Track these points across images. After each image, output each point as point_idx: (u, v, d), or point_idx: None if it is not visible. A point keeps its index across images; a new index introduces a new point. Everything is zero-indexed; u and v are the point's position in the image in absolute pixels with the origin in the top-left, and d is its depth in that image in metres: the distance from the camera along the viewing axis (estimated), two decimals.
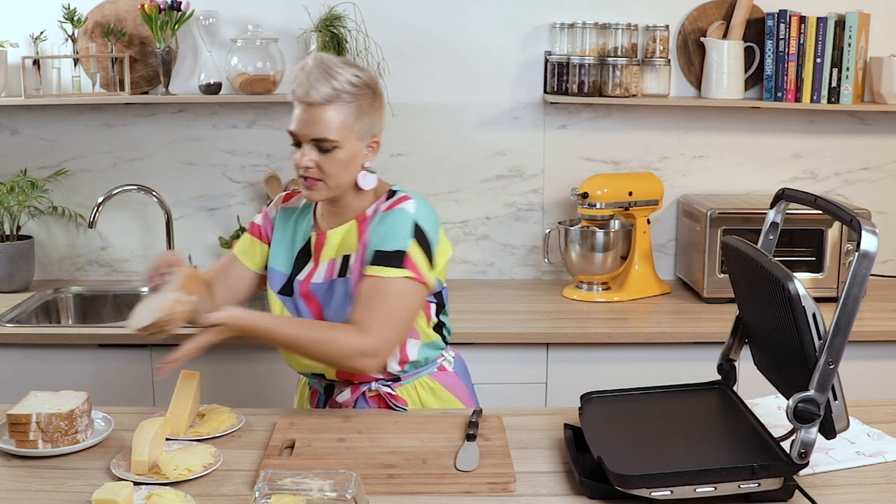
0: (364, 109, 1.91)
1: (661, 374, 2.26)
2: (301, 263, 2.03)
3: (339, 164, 1.91)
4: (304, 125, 1.89)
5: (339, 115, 1.88)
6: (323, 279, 1.99)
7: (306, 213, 2.08)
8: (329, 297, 1.97)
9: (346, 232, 1.99)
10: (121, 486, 1.50)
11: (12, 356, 2.67)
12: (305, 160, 1.90)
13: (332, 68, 1.88)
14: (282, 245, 2.06)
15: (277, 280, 2.04)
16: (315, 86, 1.86)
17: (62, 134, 3.16)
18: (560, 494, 1.59)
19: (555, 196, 3.23)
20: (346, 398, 2.00)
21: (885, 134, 3.24)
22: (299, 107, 1.90)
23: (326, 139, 1.88)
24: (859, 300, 1.45)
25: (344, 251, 1.98)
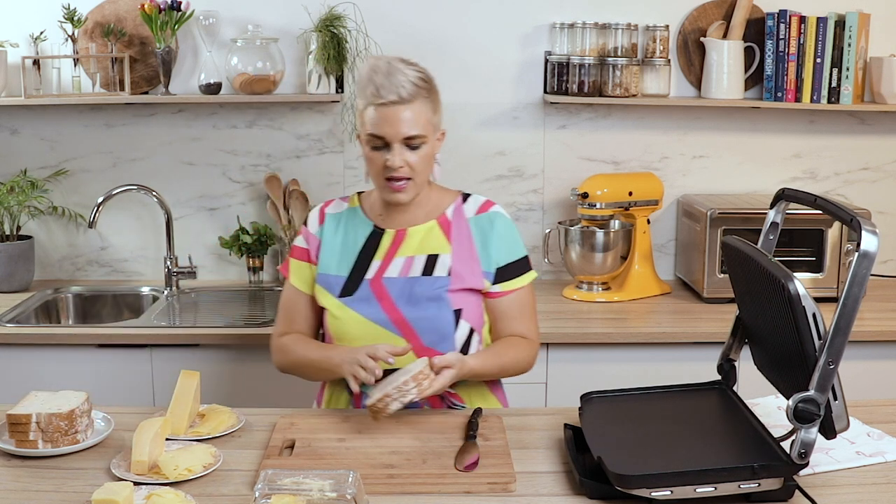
0: (436, 103, 1.98)
1: (661, 374, 2.26)
2: (364, 262, 2.03)
3: (425, 160, 1.96)
4: (394, 125, 1.90)
5: (424, 110, 1.93)
6: (398, 274, 2.01)
7: (354, 215, 2.10)
8: (405, 292, 1.99)
9: (427, 231, 2.04)
10: (121, 486, 1.50)
11: (12, 356, 2.67)
12: (398, 160, 1.92)
13: (401, 68, 1.92)
14: (333, 251, 2.06)
15: (335, 284, 2.03)
16: (398, 83, 1.89)
17: (62, 134, 3.16)
18: (560, 494, 1.59)
19: (555, 196, 3.23)
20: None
21: (885, 134, 3.24)
22: (384, 108, 1.90)
23: (418, 135, 1.92)
24: (859, 300, 1.45)
25: (428, 250, 2.02)
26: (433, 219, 2.05)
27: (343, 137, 3.17)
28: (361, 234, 2.06)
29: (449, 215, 2.06)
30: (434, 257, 2.01)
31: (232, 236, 3.14)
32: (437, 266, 2.01)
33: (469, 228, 2.05)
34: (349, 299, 2.01)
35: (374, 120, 1.91)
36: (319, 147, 3.18)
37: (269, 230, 3.15)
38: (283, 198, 3.14)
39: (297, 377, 2.14)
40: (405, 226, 2.05)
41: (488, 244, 2.03)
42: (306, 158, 3.19)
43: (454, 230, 2.04)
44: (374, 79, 1.91)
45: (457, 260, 2.02)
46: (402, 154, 1.92)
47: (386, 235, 2.05)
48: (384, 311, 1.99)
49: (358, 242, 2.06)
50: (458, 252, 2.02)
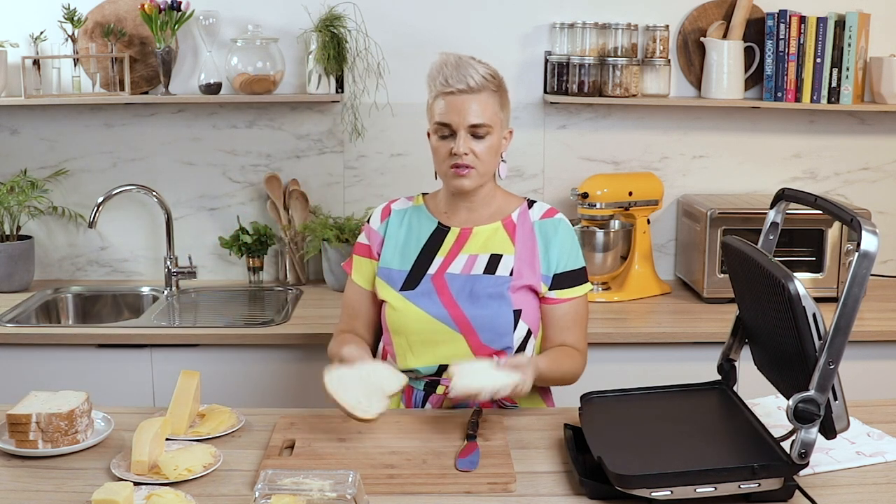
0: (504, 100, 2.03)
1: (661, 374, 2.26)
2: (427, 257, 2.06)
3: (490, 151, 2.00)
4: (460, 113, 1.96)
5: (490, 102, 1.98)
6: (460, 271, 2.04)
7: (418, 212, 2.13)
8: (465, 289, 2.02)
9: (493, 231, 2.06)
10: (121, 486, 1.50)
11: (12, 356, 2.67)
12: (463, 146, 1.96)
13: (471, 62, 1.99)
14: (395, 245, 2.09)
15: (396, 278, 2.06)
16: (467, 74, 1.95)
17: (62, 134, 3.16)
18: (560, 494, 1.59)
19: (555, 196, 3.23)
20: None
21: (885, 134, 3.24)
22: (451, 97, 1.96)
23: (483, 124, 1.96)
24: (859, 300, 1.45)
25: (492, 249, 2.05)
26: (498, 220, 2.08)
27: (343, 137, 3.17)
28: (426, 231, 2.09)
29: (514, 218, 2.08)
30: (497, 257, 2.04)
31: (232, 236, 3.14)
32: (500, 266, 2.03)
33: (534, 231, 2.07)
34: (410, 293, 2.03)
35: (442, 109, 1.97)
36: (319, 147, 3.18)
37: (269, 230, 3.15)
38: (283, 198, 3.15)
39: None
40: (470, 224, 2.08)
41: (550, 249, 2.06)
42: (306, 158, 3.19)
43: (519, 232, 2.07)
44: (443, 70, 1.97)
45: (519, 261, 2.04)
46: (467, 142, 1.96)
47: (451, 233, 2.08)
48: (444, 307, 2.00)
49: (422, 238, 2.08)
50: (521, 253, 2.05)
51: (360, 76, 3.08)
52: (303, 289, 3.13)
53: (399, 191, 3.23)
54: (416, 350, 2.03)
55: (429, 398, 2.05)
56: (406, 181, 3.21)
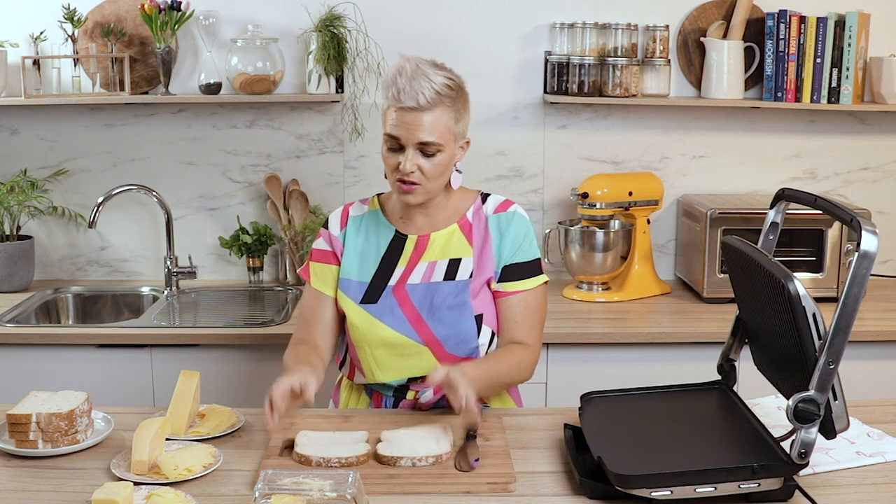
0: (460, 111, 1.95)
1: (661, 374, 2.26)
2: (387, 268, 2.01)
3: (439, 167, 1.93)
4: (409, 129, 1.88)
5: (443, 118, 1.90)
6: (420, 280, 2.00)
7: (375, 219, 2.07)
8: (428, 298, 1.98)
9: (449, 235, 2.02)
10: (121, 486, 1.50)
11: (12, 356, 2.67)
12: (409, 164, 1.90)
13: (428, 73, 1.89)
14: (354, 255, 2.04)
15: (356, 290, 2.01)
16: (419, 90, 1.86)
17: (62, 134, 3.16)
18: (560, 494, 1.59)
19: (555, 196, 3.23)
20: (428, 398, 2.01)
21: (885, 134, 3.24)
22: (402, 112, 1.88)
23: (432, 142, 1.89)
24: (859, 300, 1.45)
25: (450, 254, 2.01)
26: (454, 222, 2.04)
27: (343, 137, 3.17)
28: (384, 239, 2.04)
29: (469, 217, 2.04)
30: (456, 262, 2.00)
31: (232, 236, 3.14)
32: (460, 270, 2.00)
33: (487, 226, 2.03)
34: (372, 307, 1.99)
35: (393, 121, 1.90)
36: (319, 147, 3.18)
37: (269, 230, 3.15)
38: (283, 198, 3.15)
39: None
40: (427, 231, 2.03)
41: (504, 240, 2.01)
42: (306, 158, 3.19)
43: (475, 231, 2.03)
44: (397, 81, 1.88)
45: (478, 261, 2.01)
46: (414, 159, 1.90)
47: (409, 241, 2.03)
48: (408, 321, 1.97)
49: (380, 247, 2.04)
50: (478, 253, 2.02)
51: (360, 76, 3.08)
52: (303, 289, 3.12)
53: None
54: (382, 364, 1.99)
55: (399, 404, 2.04)
56: None
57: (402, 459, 1.65)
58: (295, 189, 3.13)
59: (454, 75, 1.95)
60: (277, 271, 3.23)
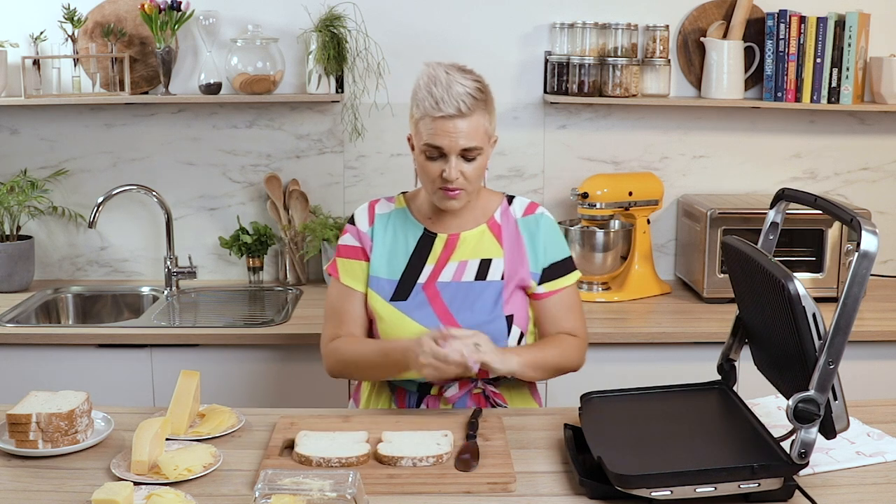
0: (491, 112, 1.98)
1: (661, 374, 2.26)
2: (416, 265, 2.03)
3: (479, 170, 1.97)
4: (451, 137, 1.90)
5: (481, 121, 1.93)
6: (451, 279, 2.02)
7: (402, 216, 2.09)
8: (457, 297, 2.00)
9: (479, 235, 2.05)
10: (121, 486, 1.50)
11: (12, 356, 2.67)
12: (454, 172, 1.92)
13: (459, 79, 1.92)
14: (383, 252, 2.06)
15: (385, 288, 2.03)
16: (458, 97, 1.89)
17: (62, 134, 3.16)
18: (560, 494, 1.59)
19: (555, 196, 3.23)
20: (453, 393, 2.01)
21: (885, 134, 3.24)
22: (442, 121, 1.90)
23: (474, 148, 1.92)
24: (859, 300, 1.45)
25: (481, 254, 2.03)
26: (483, 223, 2.06)
27: (343, 137, 3.17)
28: (412, 237, 2.06)
29: (498, 218, 2.07)
30: (487, 262, 2.03)
31: (232, 236, 3.14)
32: (491, 270, 2.02)
33: (518, 229, 2.06)
34: (402, 304, 2.01)
35: (432, 131, 1.91)
36: (319, 147, 3.18)
37: (269, 230, 3.15)
38: (283, 198, 3.15)
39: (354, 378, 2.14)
40: (457, 230, 2.05)
41: (536, 245, 2.05)
42: (306, 158, 3.19)
43: (504, 233, 2.06)
44: (433, 91, 1.90)
45: (509, 263, 2.03)
46: (458, 166, 1.92)
47: (438, 239, 2.05)
48: (438, 318, 1.99)
49: (409, 245, 2.05)
50: (510, 254, 2.04)
51: (360, 76, 3.08)
52: (303, 289, 3.13)
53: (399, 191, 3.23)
54: None
55: (423, 400, 2.04)
56: (406, 181, 3.20)
57: (403, 459, 1.66)
58: (295, 189, 3.13)
59: (480, 77, 1.98)
60: (277, 271, 3.23)
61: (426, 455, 1.66)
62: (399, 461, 1.65)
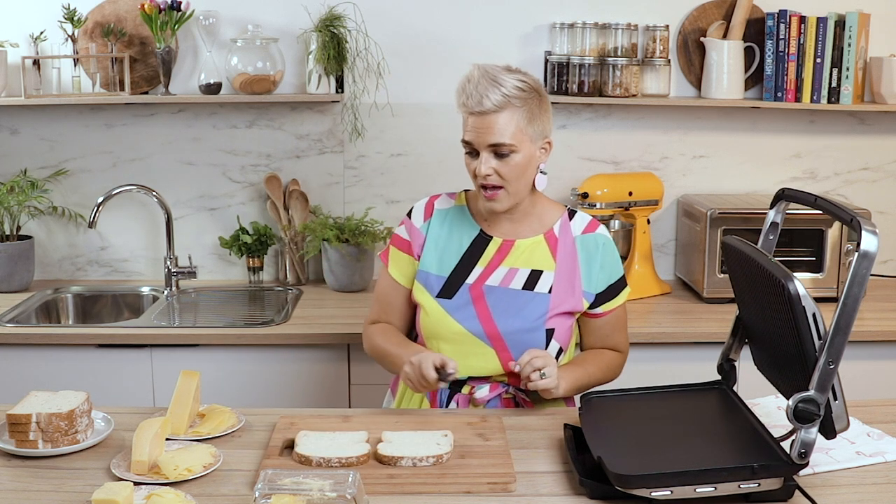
0: (534, 112, 1.96)
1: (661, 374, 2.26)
2: (467, 266, 2.04)
3: (517, 169, 1.95)
4: (479, 133, 1.93)
5: (513, 119, 1.93)
6: (499, 284, 2.02)
7: (461, 215, 2.10)
8: (502, 302, 2.00)
9: (534, 245, 2.04)
10: (121, 486, 1.50)
11: (12, 356, 2.67)
12: (484, 168, 1.93)
13: (497, 76, 1.94)
14: (436, 248, 2.07)
15: (434, 283, 2.05)
16: (485, 94, 1.91)
17: (62, 134, 3.16)
18: (560, 494, 1.59)
19: (555, 196, 3.21)
20: (483, 395, 2.02)
21: (885, 134, 3.24)
22: (472, 117, 1.94)
23: (503, 144, 1.92)
24: (859, 300, 1.45)
25: (533, 264, 2.03)
26: (540, 233, 2.06)
27: (343, 137, 3.17)
28: (467, 237, 2.07)
29: (556, 231, 2.06)
30: (538, 273, 2.02)
31: (232, 236, 3.14)
32: (540, 282, 2.02)
33: (575, 247, 2.05)
34: (447, 302, 2.02)
35: (466, 127, 1.96)
36: (319, 147, 3.18)
37: (269, 230, 3.15)
38: (283, 198, 3.15)
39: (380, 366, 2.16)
40: (513, 237, 2.05)
41: (592, 266, 2.05)
42: (306, 158, 3.19)
43: (560, 247, 2.05)
44: (465, 88, 1.95)
45: (559, 278, 2.02)
46: (488, 162, 1.93)
47: (492, 243, 2.05)
48: (479, 321, 1.99)
49: (463, 244, 2.06)
50: (562, 270, 2.03)
51: (360, 76, 3.08)
52: (303, 289, 3.13)
53: (399, 191, 3.25)
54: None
55: (454, 397, 2.04)
56: (406, 181, 3.21)
57: (403, 459, 1.66)
58: (295, 189, 3.13)
59: (529, 78, 1.99)
60: (277, 271, 3.23)
61: (426, 455, 1.66)
62: (399, 461, 1.65)
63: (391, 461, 1.66)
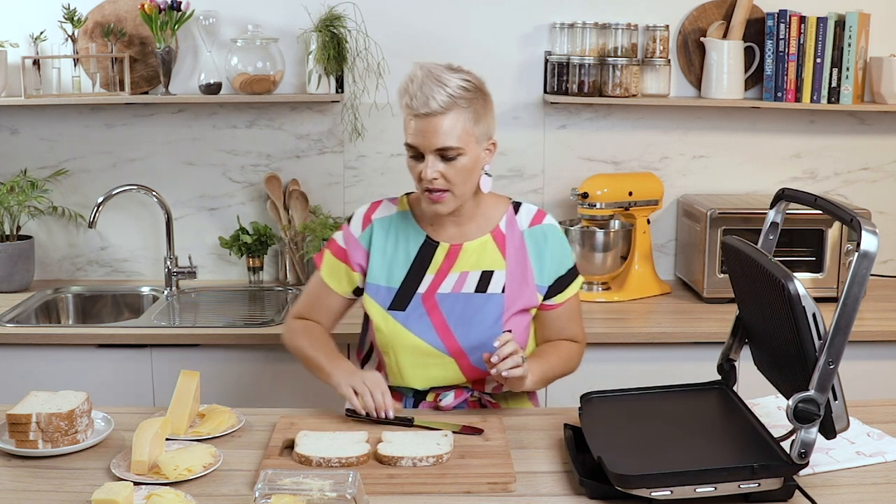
0: (480, 113, 1.91)
1: (661, 374, 2.26)
2: (416, 275, 2.00)
3: (463, 172, 1.90)
4: (425, 136, 1.87)
5: (459, 121, 1.87)
6: (451, 290, 1.98)
7: (405, 221, 2.04)
8: (456, 309, 1.98)
9: (482, 245, 2.00)
10: (121, 486, 1.50)
11: (12, 356, 2.67)
12: (430, 171, 1.88)
13: (441, 76, 1.87)
14: (383, 259, 2.01)
15: (384, 296, 2.00)
16: (431, 95, 1.85)
17: (62, 134, 3.16)
18: (560, 494, 1.59)
19: (555, 196, 3.23)
20: (449, 402, 2.01)
21: (885, 134, 3.24)
22: (417, 119, 1.87)
23: (451, 147, 1.87)
24: (859, 300, 1.45)
25: (483, 266, 1.99)
26: (487, 232, 2.02)
27: (343, 137, 3.17)
28: (413, 244, 2.02)
29: (503, 228, 2.02)
30: (489, 274, 1.99)
31: (232, 236, 3.14)
32: (492, 283, 1.99)
33: (523, 241, 2.02)
34: (400, 314, 1.98)
35: (410, 130, 1.89)
36: (319, 147, 3.18)
37: (269, 230, 3.15)
38: (283, 198, 3.15)
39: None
40: (460, 240, 2.01)
41: (543, 258, 2.02)
42: (306, 158, 3.19)
43: (509, 244, 2.01)
44: (408, 88, 1.88)
45: (511, 276, 2.00)
46: (435, 165, 1.88)
47: (440, 248, 2.00)
48: (436, 332, 1.97)
49: (410, 253, 2.01)
50: (513, 267, 2.00)
51: (360, 76, 3.08)
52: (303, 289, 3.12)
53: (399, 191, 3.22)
54: (405, 371, 2.00)
55: (418, 405, 2.04)
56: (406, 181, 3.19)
57: (403, 459, 1.66)
58: (295, 189, 3.13)
59: (472, 77, 1.93)
60: (277, 271, 3.23)
61: (426, 455, 1.66)
62: (399, 461, 1.65)
63: (391, 461, 1.66)
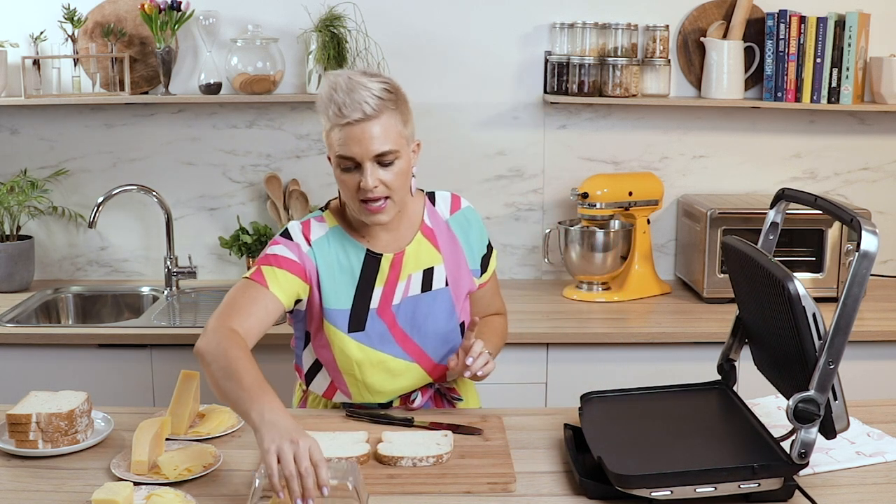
0: (405, 114, 1.86)
1: (661, 374, 2.26)
2: (366, 290, 1.93)
3: (401, 176, 1.84)
4: (361, 143, 1.78)
5: (392, 123, 1.81)
6: (402, 297, 1.96)
7: (340, 238, 1.95)
8: (409, 313, 1.96)
9: (418, 245, 1.98)
10: (121, 486, 1.50)
11: (12, 356, 2.67)
12: (371, 180, 1.79)
13: (362, 81, 1.79)
14: (332, 281, 1.92)
15: (341, 319, 1.92)
16: (361, 101, 1.77)
17: (62, 134, 3.16)
18: (560, 494, 1.59)
19: (555, 196, 3.23)
20: (419, 402, 2.01)
21: (885, 134, 3.24)
22: (349, 127, 1.78)
23: (388, 151, 1.80)
24: (859, 300, 1.45)
25: (423, 264, 1.97)
26: (416, 230, 1.98)
27: None
28: (356, 260, 1.93)
29: (427, 221, 2.00)
30: (430, 270, 1.98)
31: (232, 236, 3.14)
32: (435, 278, 1.98)
33: (450, 230, 2.02)
34: (361, 335, 1.93)
35: (342, 140, 1.79)
36: (319, 147, 3.18)
37: (269, 230, 3.15)
38: (283, 198, 3.15)
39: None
40: (396, 246, 1.96)
41: (471, 242, 2.04)
42: (306, 158, 3.19)
43: (438, 236, 2.00)
44: (334, 97, 1.78)
45: (450, 267, 2.00)
46: (374, 173, 1.80)
47: (384, 260, 1.94)
48: (399, 345, 1.95)
49: (354, 270, 1.93)
50: (449, 258, 2.00)
51: None
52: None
53: None
54: (373, 389, 1.97)
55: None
56: None
57: (403, 459, 1.66)
58: (295, 189, 3.13)
59: (388, 79, 1.86)
60: None
61: (426, 455, 1.66)
62: (399, 461, 1.65)
63: (391, 461, 1.66)
